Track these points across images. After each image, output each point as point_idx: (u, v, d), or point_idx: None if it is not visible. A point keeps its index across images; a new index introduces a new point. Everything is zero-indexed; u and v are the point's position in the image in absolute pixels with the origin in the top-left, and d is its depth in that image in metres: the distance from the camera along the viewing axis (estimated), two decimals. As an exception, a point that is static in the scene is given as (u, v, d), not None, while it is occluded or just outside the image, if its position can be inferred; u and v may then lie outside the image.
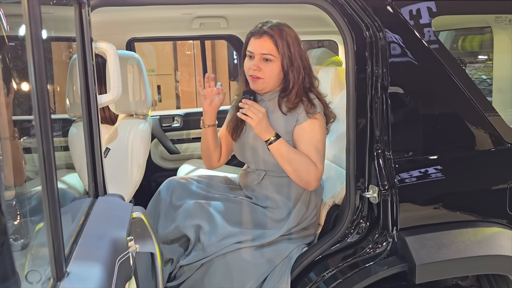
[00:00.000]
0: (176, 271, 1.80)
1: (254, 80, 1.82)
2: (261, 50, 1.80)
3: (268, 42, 1.79)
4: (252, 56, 1.83)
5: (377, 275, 1.64)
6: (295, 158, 1.76)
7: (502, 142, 1.78)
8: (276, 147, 1.76)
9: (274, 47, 1.79)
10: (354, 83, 1.66)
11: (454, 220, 1.72)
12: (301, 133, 1.81)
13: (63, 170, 2.10)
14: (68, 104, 1.99)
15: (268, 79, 1.82)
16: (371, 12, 1.63)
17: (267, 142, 1.77)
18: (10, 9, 1.21)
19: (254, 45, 1.82)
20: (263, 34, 1.80)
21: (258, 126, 1.74)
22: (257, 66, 1.80)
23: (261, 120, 1.73)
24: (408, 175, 1.68)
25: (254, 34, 1.82)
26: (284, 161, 1.77)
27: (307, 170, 1.77)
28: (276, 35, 1.78)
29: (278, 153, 1.77)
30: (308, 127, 1.81)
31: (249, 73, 1.83)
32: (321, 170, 1.81)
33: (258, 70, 1.80)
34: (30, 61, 0.71)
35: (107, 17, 2.52)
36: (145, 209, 1.94)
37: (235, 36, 3.26)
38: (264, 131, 1.75)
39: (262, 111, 1.74)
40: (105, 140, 1.86)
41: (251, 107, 1.73)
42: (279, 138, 1.76)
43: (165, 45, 6.71)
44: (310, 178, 1.79)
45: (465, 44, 3.51)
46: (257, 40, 1.81)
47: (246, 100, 1.76)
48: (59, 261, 0.76)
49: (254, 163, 1.93)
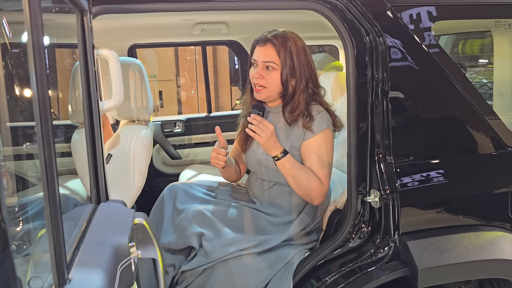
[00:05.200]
0: (178, 277, 1.80)
1: (257, 90, 1.82)
2: (263, 58, 1.80)
3: (271, 50, 1.79)
4: (255, 64, 1.83)
5: (379, 280, 1.63)
6: (301, 175, 1.76)
7: (503, 146, 1.78)
8: (284, 163, 1.76)
9: (276, 55, 1.78)
10: (354, 88, 1.66)
11: (456, 224, 1.72)
12: (307, 149, 1.81)
13: (67, 176, 2.10)
14: (71, 111, 2.00)
15: (271, 88, 1.81)
16: (371, 18, 1.63)
17: (275, 158, 1.76)
18: (13, 17, 1.22)
19: (257, 53, 1.82)
20: (267, 42, 1.80)
21: (266, 143, 1.74)
22: (259, 74, 1.80)
23: (269, 138, 1.72)
24: (409, 180, 1.68)
25: (259, 42, 1.83)
26: (290, 176, 1.77)
27: (313, 186, 1.77)
28: (279, 44, 1.78)
29: (285, 169, 1.77)
30: (316, 144, 1.80)
31: (253, 81, 1.83)
32: (326, 187, 1.81)
33: (260, 78, 1.80)
34: (31, 68, 0.71)
35: (109, 23, 2.53)
36: (148, 215, 1.95)
37: (236, 41, 3.27)
38: (272, 148, 1.75)
39: (271, 128, 1.73)
40: (107, 146, 1.87)
41: (259, 124, 1.72)
42: (286, 154, 1.76)
43: (167, 51, 6.74)
44: (315, 195, 1.79)
45: (465, 48, 3.51)
46: (261, 48, 1.81)
47: (255, 116, 1.74)
48: (60, 267, 0.76)
49: (265, 174, 1.92)
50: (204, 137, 3.39)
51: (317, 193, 1.78)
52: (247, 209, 1.91)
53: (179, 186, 2.01)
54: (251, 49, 1.87)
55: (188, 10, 1.60)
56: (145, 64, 1.99)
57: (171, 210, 1.93)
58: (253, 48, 1.86)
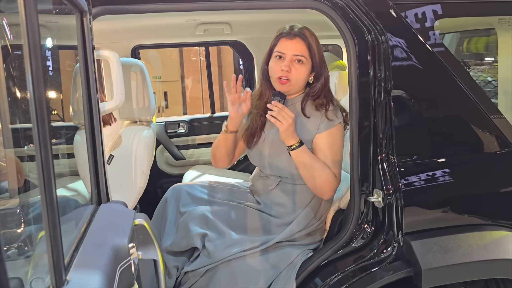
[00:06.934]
0: (181, 277, 1.80)
1: (283, 82, 1.79)
2: (294, 51, 1.78)
3: (301, 44, 1.78)
4: (282, 57, 1.80)
5: (382, 280, 1.62)
6: (315, 166, 1.75)
7: (508, 144, 1.76)
8: (299, 153, 1.75)
9: (307, 49, 1.78)
10: (356, 86, 1.65)
11: (460, 223, 1.70)
12: (321, 142, 1.81)
13: (71, 177, 2.11)
14: (72, 112, 2.01)
15: (296, 82, 1.80)
16: (373, 16, 1.62)
17: (290, 147, 1.75)
18: (14, 19, 1.22)
19: (286, 46, 1.80)
20: (296, 36, 1.79)
21: (286, 131, 1.72)
22: (288, 67, 1.78)
23: (290, 125, 1.71)
24: (413, 179, 1.66)
25: (285, 35, 1.81)
26: (304, 168, 1.76)
27: (325, 179, 1.76)
28: (308, 38, 1.78)
29: (300, 159, 1.76)
30: (329, 137, 1.80)
31: (278, 74, 1.80)
32: (338, 181, 1.81)
33: (288, 71, 1.78)
34: (27, 69, 0.71)
35: (112, 24, 2.54)
36: (152, 215, 1.95)
37: (239, 41, 3.27)
38: (290, 137, 1.74)
39: (292, 116, 1.71)
40: (109, 147, 1.87)
41: (281, 111, 1.70)
42: (302, 145, 1.75)
43: (172, 51, 6.75)
44: (327, 188, 1.78)
45: (470, 46, 3.49)
46: (290, 41, 1.79)
47: (276, 103, 1.72)
48: (58, 269, 0.76)
49: (271, 170, 1.91)
50: (207, 138, 3.39)
51: (330, 186, 1.78)
52: (250, 210, 1.91)
53: (182, 187, 2.01)
54: (274, 42, 1.84)
55: (189, 10, 1.59)
56: (149, 65, 1.99)
57: (174, 212, 1.93)
58: (276, 41, 1.83)
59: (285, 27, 1.84)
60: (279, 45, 1.82)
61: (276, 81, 1.82)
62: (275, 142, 1.85)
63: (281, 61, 1.80)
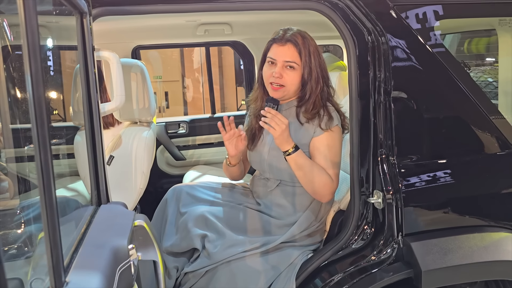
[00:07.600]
0: (181, 278, 1.80)
1: (275, 88, 1.80)
2: (284, 57, 1.78)
3: (292, 50, 1.77)
4: (274, 62, 1.81)
5: (382, 282, 1.62)
6: (312, 171, 1.75)
7: (508, 145, 1.76)
8: (294, 158, 1.75)
9: (298, 55, 1.77)
10: (357, 87, 1.65)
11: (460, 225, 1.70)
12: (317, 145, 1.80)
13: (71, 177, 2.11)
14: (72, 113, 2.01)
15: (289, 87, 1.80)
16: (373, 17, 1.62)
17: (286, 153, 1.75)
18: (15, 20, 1.23)
19: (277, 52, 1.80)
20: (287, 42, 1.78)
21: (280, 137, 1.72)
22: (279, 73, 1.78)
23: (283, 131, 1.71)
24: (413, 180, 1.66)
25: (277, 41, 1.81)
26: (301, 172, 1.76)
27: (323, 183, 1.76)
28: (300, 43, 1.77)
29: (296, 164, 1.76)
30: (325, 140, 1.79)
31: (270, 80, 1.80)
32: (336, 184, 1.80)
33: (280, 78, 1.78)
34: (27, 70, 0.71)
35: (112, 25, 2.54)
36: (152, 216, 1.95)
37: (240, 42, 3.27)
38: (285, 142, 1.74)
39: (285, 122, 1.71)
40: (109, 148, 1.87)
41: (274, 117, 1.70)
42: (298, 149, 1.75)
43: (173, 52, 6.75)
44: (325, 192, 1.78)
45: (471, 46, 3.48)
46: (281, 47, 1.79)
47: (269, 109, 1.72)
48: (57, 270, 0.76)
49: (270, 172, 1.91)
50: (208, 138, 3.39)
51: (328, 190, 1.77)
52: (250, 211, 1.91)
53: (183, 188, 2.01)
54: (267, 47, 1.85)
55: (189, 12, 1.59)
56: (150, 65, 1.99)
57: (174, 212, 1.93)
58: (269, 46, 1.84)
59: (279, 31, 1.83)
60: (271, 51, 1.82)
61: (269, 87, 1.83)
62: (274, 145, 1.85)
63: (273, 66, 1.80)
